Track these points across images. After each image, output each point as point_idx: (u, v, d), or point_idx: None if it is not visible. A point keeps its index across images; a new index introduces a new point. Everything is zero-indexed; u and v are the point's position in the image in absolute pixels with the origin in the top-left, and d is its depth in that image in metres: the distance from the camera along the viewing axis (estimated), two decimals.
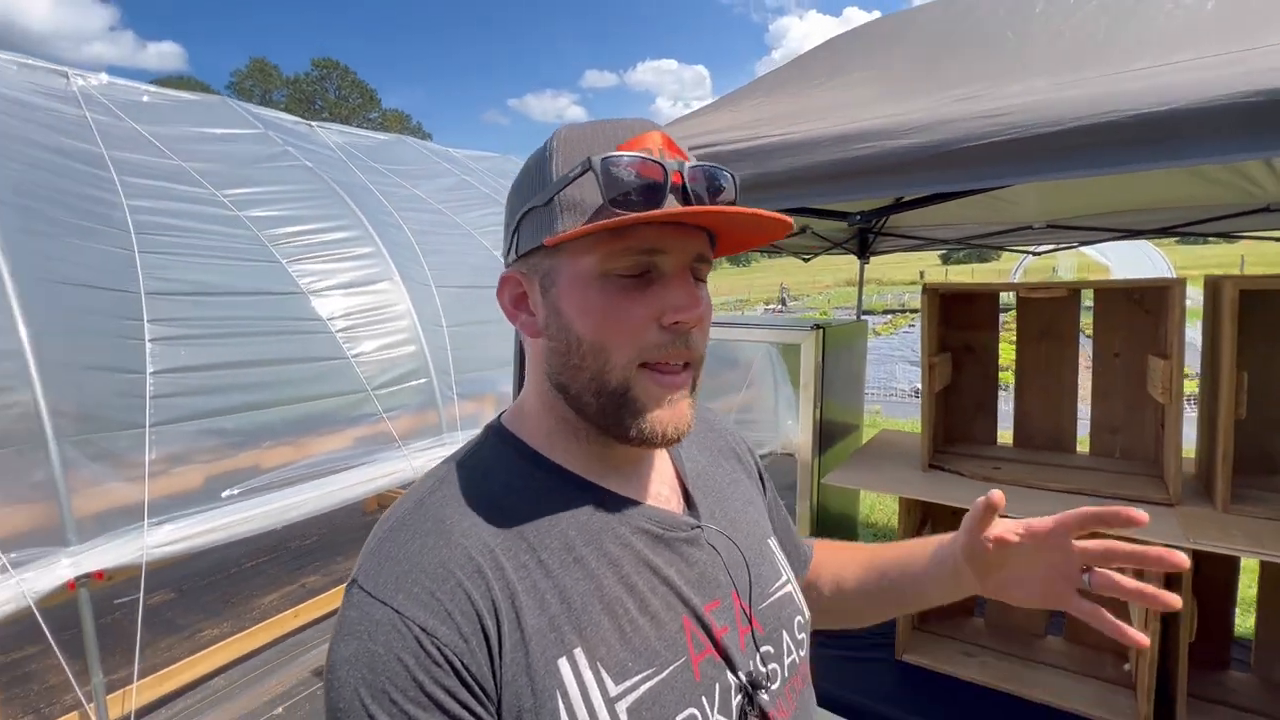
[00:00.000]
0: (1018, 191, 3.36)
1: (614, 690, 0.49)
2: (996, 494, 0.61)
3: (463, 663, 0.46)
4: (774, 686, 0.58)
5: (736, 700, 0.54)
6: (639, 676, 0.50)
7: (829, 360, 2.45)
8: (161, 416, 2.63)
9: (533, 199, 0.54)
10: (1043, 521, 0.61)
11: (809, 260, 3.94)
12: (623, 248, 0.51)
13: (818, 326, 2.44)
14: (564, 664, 0.48)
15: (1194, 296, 1.59)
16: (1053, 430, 1.81)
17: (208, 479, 2.78)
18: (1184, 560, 0.55)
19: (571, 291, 0.53)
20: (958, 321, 1.92)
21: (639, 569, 0.55)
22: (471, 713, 0.46)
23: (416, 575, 0.48)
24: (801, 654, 0.64)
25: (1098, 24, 1.31)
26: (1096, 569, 0.59)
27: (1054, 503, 1.52)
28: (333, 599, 3.37)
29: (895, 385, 10.44)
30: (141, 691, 2.52)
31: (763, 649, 0.59)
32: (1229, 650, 1.60)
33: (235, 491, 2.85)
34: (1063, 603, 0.61)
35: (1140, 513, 0.54)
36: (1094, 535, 0.60)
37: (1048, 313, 1.78)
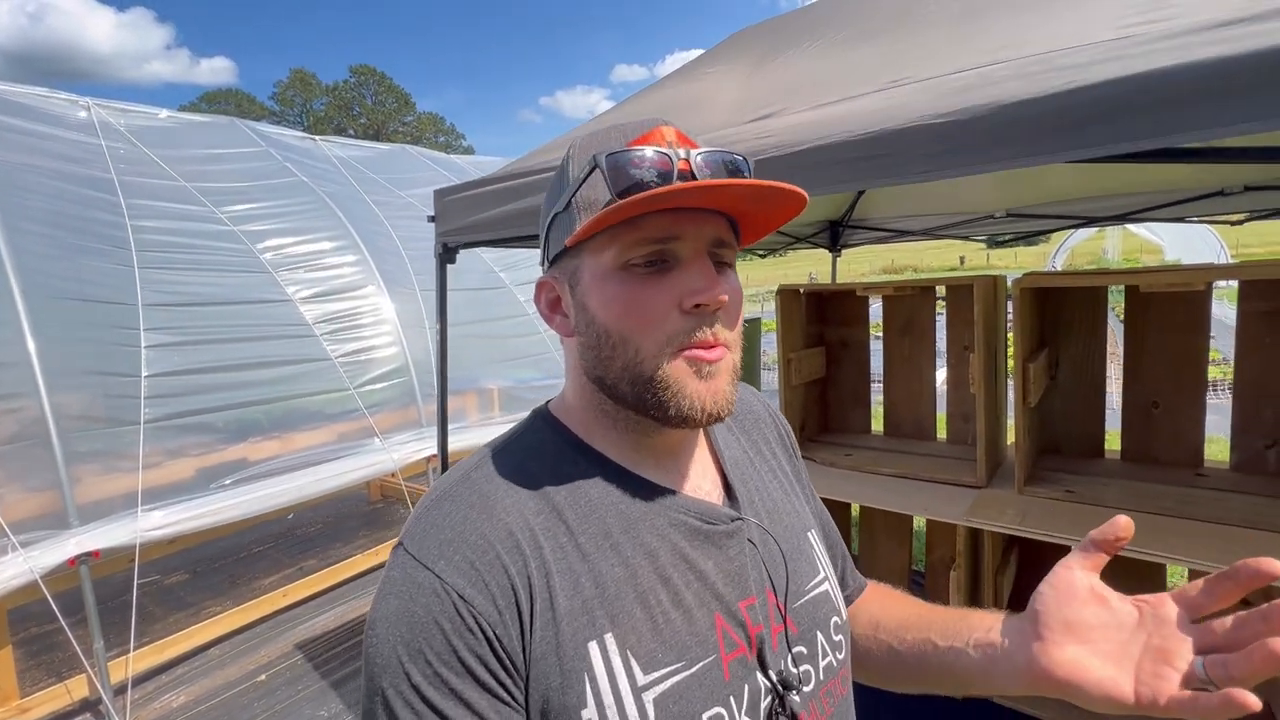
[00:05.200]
0: (962, 184, 3.41)
1: (642, 679, 0.49)
2: (1122, 521, 0.51)
3: (495, 634, 0.47)
4: (806, 689, 0.56)
5: (766, 702, 0.53)
6: (668, 669, 0.50)
7: None
8: (153, 415, 2.96)
9: (556, 205, 0.57)
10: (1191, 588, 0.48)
11: (765, 257, 4.04)
12: (637, 238, 0.51)
13: None
14: (594, 647, 0.49)
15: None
16: (915, 419, 1.91)
17: (198, 470, 3.10)
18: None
19: (594, 287, 0.54)
20: (834, 318, 2.03)
21: (675, 562, 0.54)
22: (500, 684, 0.47)
23: (458, 545, 0.50)
24: (840, 656, 0.62)
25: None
26: (1210, 656, 0.45)
27: (865, 484, 1.63)
28: (319, 581, 3.68)
29: None
30: (141, 659, 2.85)
31: (795, 649, 0.57)
32: None
33: (225, 482, 3.17)
34: (1157, 700, 0.46)
35: (1269, 562, 0.44)
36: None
37: (907, 309, 1.89)
